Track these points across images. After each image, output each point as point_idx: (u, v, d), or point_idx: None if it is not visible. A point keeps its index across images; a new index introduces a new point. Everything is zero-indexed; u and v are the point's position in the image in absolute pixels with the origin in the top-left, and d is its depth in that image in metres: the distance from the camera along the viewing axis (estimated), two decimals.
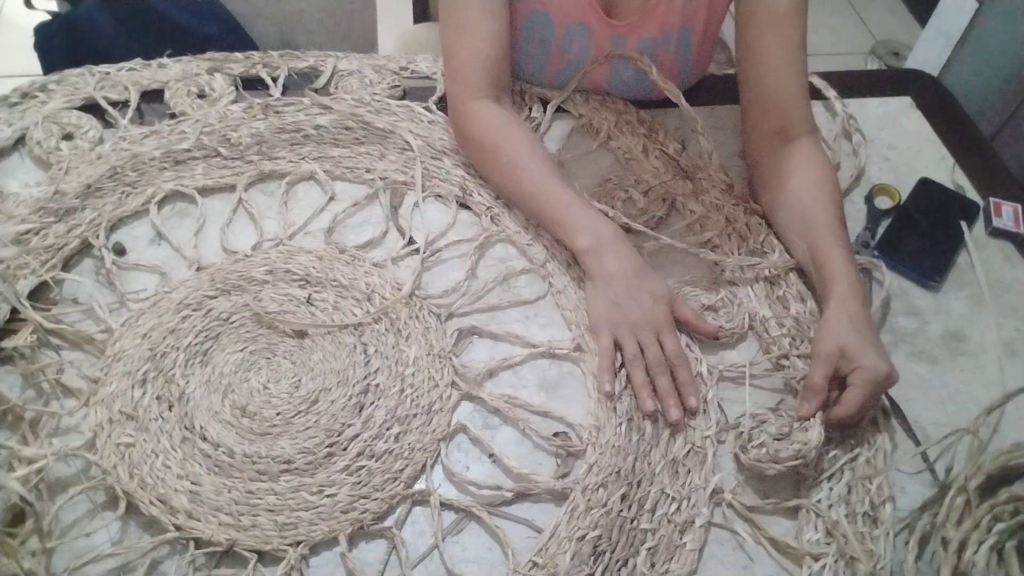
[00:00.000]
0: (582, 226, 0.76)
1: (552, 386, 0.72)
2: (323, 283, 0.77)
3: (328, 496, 0.63)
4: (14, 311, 0.71)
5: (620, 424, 0.68)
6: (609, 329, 0.72)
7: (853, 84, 1.02)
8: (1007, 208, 0.88)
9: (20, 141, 0.88)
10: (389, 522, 0.63)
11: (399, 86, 0.97)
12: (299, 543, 0.61)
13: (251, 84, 0.96)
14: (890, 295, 0.80)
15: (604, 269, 0.74)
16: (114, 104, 0.92)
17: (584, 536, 0.62)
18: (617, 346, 0.72)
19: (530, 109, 0.94)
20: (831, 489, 0.66)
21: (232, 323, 0.74)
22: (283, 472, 0.64)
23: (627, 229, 0.80)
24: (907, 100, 1.02)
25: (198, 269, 0.78)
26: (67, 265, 0.78)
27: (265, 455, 0.65)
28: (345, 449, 0.66)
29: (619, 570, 0.61)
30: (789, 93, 0.82)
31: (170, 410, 0.67)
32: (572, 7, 0.86)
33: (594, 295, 0.75)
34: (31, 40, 1.11)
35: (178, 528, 0.61)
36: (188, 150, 0.87)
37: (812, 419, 0.66)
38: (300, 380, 0.70)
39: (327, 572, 0.61)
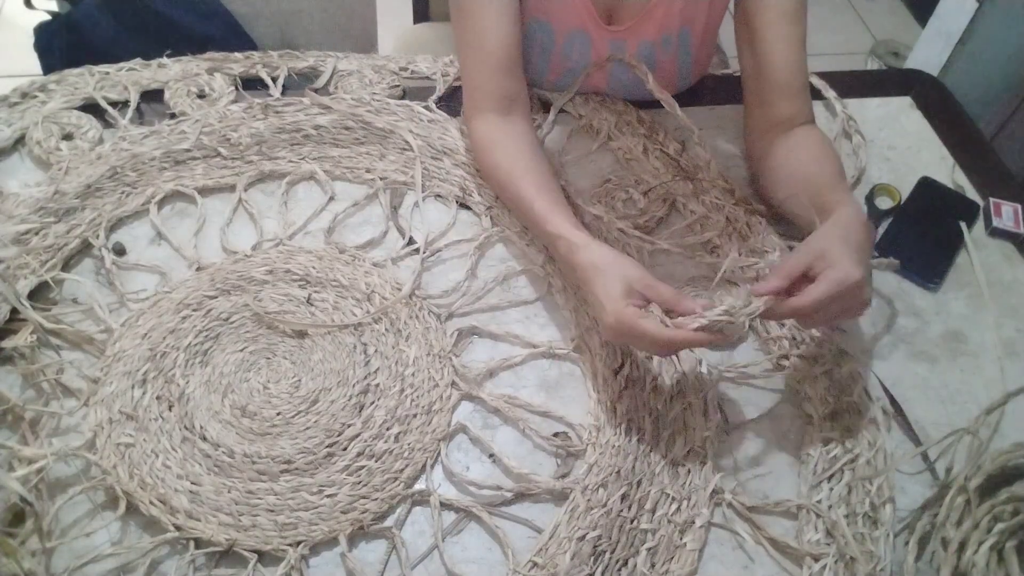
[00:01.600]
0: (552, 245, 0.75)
1: (552, 386, 0.72)
2: (323, 283, 0.77)
3: (328, 496, 0.63)
4: (14, 311, 0.71)
5: (620, 424, 0.68)
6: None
7: (853, 84, 1.02)
8: (1007, 208, 0.88)
9: (20, 141, 0.88)
10: (389, 522, 0.63)
11: (399, 86, 0.97)
12: (299, 543, 0.61)
13: (251, 84, 0.96)
14: (890, 295, 0.80)
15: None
16: (114, 104, 0.92)
17: (584, 536, 0.62)
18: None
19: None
20: (831, 489, 0.66)
21: (232, 323, 0.74)
22: (283, 472, 0.64)
23: (623, 234, 0.80)
24: (907, 100, 1.02)
25: (198, 269, 0.78)
26: (67, 265, 0.78)
27: (265, 455, 0.65)
28: (345, 449, 0.66)
29: (619, 570, 0.61)
30: (796, 88, 0.83)
31: (170, 410, 0.67)
32: (572, 15, 0.87)
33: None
34: (31, 40, 1.11)
35: (178, 528, 0.61)
36: (188, 150, 0.87)
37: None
38: (300, 380, 0.70)
39: (327, 572, 0.61)
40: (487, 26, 0.80)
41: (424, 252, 0.80)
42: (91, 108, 0.91)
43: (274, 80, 0.96)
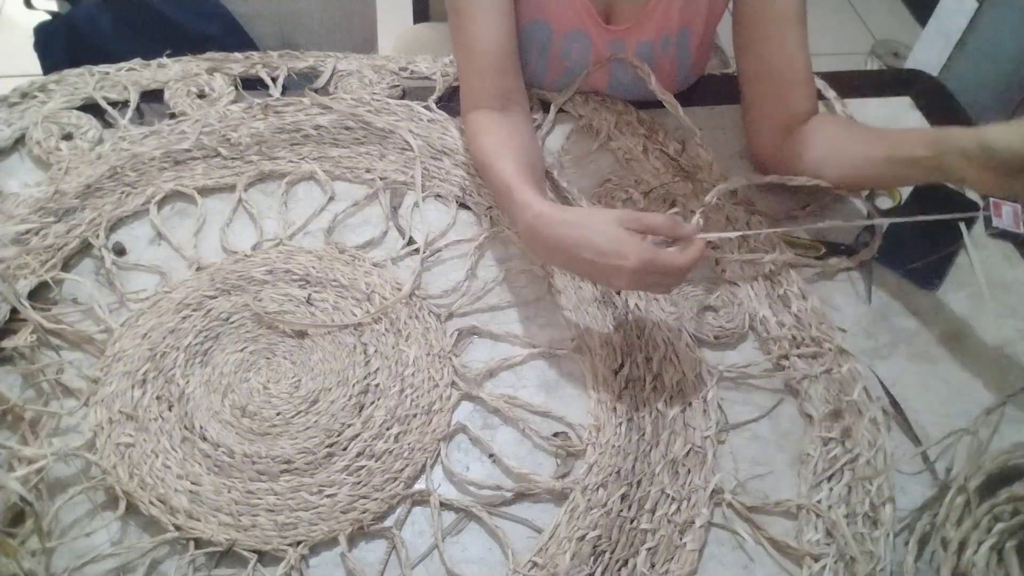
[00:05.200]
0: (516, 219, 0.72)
1: (552, 386, 0.72)
2: (323, 283, 0.77)
3: (328, 496, 0.63)
4: (14, 311, 0.71)
5: (620, 424, 0.68)
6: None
7: (853, 84, 1.02)
8: (1007, 208, 0.88)
9: (20, 141, 0.88)
10: (389, 522, 0.63)
11: (399, 86, 0.97)
12: (299, 543, 0.61)
13: (251, 84, 0.96)
14: (890, 295, 0.80)
15: (553, 263, 0.76)
16: (114, 104, 0.92)
17: (584, 536, 0.62)
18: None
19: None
20: (831, 489, 0.66)
21: (232, 323, 0.74)
22: (283, 472, 0.64)
23: None
24: (907, 100, 1.02)
25: (198, 269, 0.78)
26: (67, 265, 0.78)
27: (265, 455, 0.65)
28: (345, 449, 0.66)
29: (619, 570, 0.61)
30: (808, 84, 0.83)
31: (170, 410, 0.67)
32: (571, 15, 0.87)
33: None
34: (31, 40, 1.12)
35: (178, 528, 0.61)
36: (188, 150, 0.87)
37: None
38: (300, 380, 0.70)
39: (327, 572, 0.61)
40: (482, 25, 0.81)
41: (424, 252, 0.80)
42: (91, 108, 0.91)
43: (274, 80, 0.96)
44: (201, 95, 0.94)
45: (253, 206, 0.84)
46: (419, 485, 0.65)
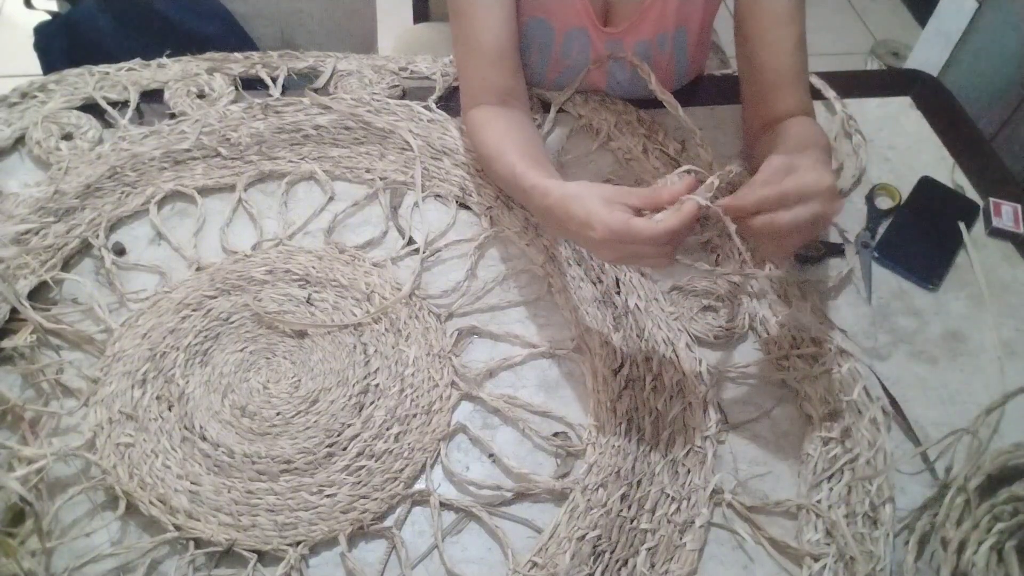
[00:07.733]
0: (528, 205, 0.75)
1: (552, 386, 0.72)
2: (323, 283, 0.77)
3: (328, 496, 0.63)
4: (14, 311, 0.71)
5: (620, 424, 0.68)
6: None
7: (853, 84, 1.02)
8: (1007, 208, 0.88)
9: (20, 141, 0.88)
10: (389, 522, 0.63)
11: (398, 86, 0.97)
12: (299, 543, 0.61)
13: (251, 84, 0.96)
14: (890, 295, 0.80)
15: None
16: (114, 104, 0.92)
17: (584, 536, 0.62)
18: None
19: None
20: (831, 489, 0.66)
21: (232, 323, 0.74)
22: (283, 472, 0.64)
23: None
24: (907, 100, 1.02)
25: (198, 269, 0.78)
26: (67, 265, 0.78)
27: (265, 455, 0.65)
28: (345, 449, 0.66)
29: (619, 570, 0.61)
30: (791, 87, 0.82)
31: (170, 410, 0.68)
32: (571, 14, 0.87)
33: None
34: (31, 40, 1.11)
35: (178, 528, 0.61)
36: (188, 150, 0.87)
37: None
38: (300, 380, 0.70)
39: (327, 572, 0.61)
40: (483, 23, 0.81)
41: (424, 252, 0.80)
42: (91, 108, 0.91)
43: (274, 80, 0.96)
44: (201, 95, 0.94)
45: (253, 206, 0.84)
46: (419, 485, 0.65)
